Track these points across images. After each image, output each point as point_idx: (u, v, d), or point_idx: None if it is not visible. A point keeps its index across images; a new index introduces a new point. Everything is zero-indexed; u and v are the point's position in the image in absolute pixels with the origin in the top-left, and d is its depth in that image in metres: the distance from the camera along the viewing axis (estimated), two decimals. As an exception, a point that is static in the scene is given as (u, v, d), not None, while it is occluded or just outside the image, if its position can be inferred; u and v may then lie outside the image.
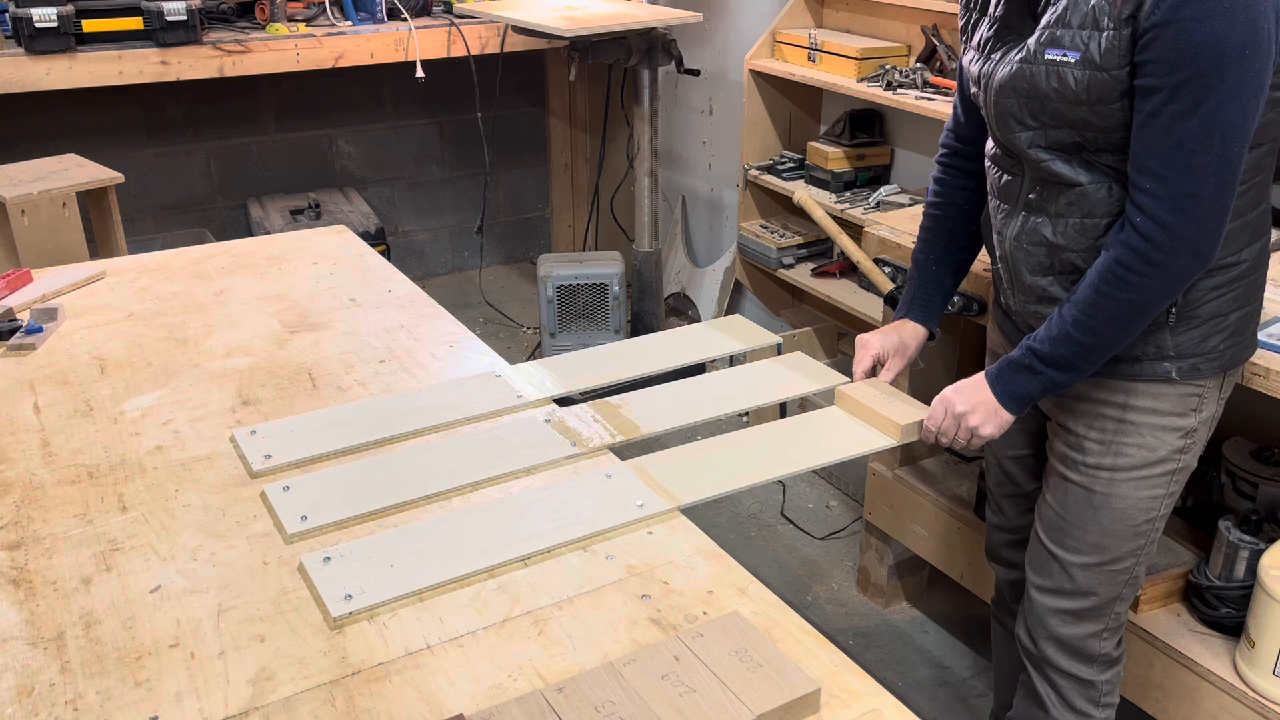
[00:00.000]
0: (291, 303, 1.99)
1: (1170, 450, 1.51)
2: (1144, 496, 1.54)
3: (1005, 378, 1.49)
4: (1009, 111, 1.43)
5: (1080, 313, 1.39)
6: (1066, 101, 1.35)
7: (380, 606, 1.17)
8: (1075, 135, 1.38)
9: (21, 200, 2.41)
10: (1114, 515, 1.55)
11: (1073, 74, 1.33)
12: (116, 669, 1.09)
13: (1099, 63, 1.31)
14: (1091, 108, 1.34)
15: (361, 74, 4.00)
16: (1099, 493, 1.55)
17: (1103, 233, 1.42)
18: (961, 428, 1.51)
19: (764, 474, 1.43)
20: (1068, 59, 1.33)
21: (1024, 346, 1.46)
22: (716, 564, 1.25)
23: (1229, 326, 1.46)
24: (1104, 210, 1.41)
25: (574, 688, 1.04)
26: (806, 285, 3.28)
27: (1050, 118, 1.39)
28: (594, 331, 3.58)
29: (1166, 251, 1.32)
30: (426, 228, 4.58)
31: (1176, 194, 1.29)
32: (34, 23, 3.10)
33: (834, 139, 3.23)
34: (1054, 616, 1.64)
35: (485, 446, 1.47)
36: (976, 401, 1.50)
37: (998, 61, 1.44)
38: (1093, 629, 1.63)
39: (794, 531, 2.94)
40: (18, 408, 1.61)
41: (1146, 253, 1.32)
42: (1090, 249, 1.43)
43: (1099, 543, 1.57)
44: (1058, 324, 1.42)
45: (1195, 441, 1.53)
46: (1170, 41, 1.24)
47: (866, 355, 1.68)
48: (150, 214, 4.00)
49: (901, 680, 2.38)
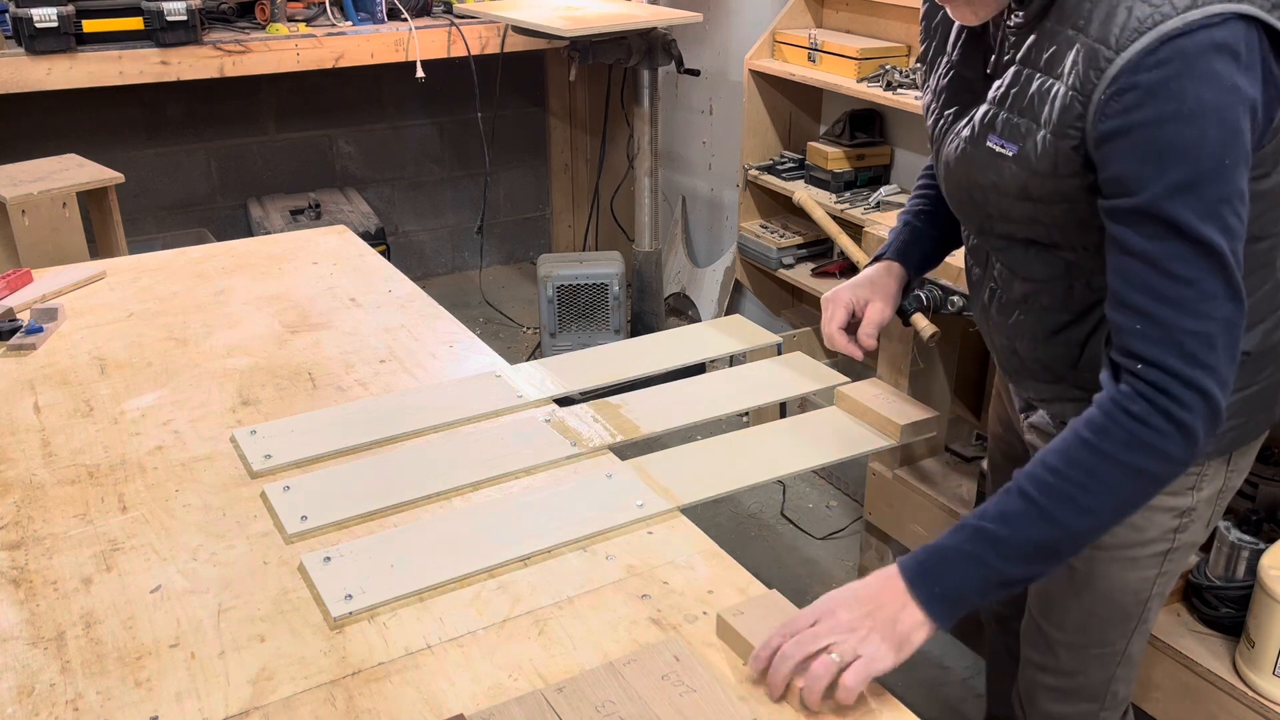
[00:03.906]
0: (291, 303, 1.99)
1: (1162, 531, 1.29)
2: (1132, 578, 1.32)
3: (932, 571, 1.07)
4: (956, 196, 1.26)
5: (1071, 485, 1.05)
6: (1008, 197, 1.15)
7: (380, 606, 1.17)
8: (1025, 230, 1.19)
9: (21, 200, 2.41)
10: (1097, 597, 1.34)
11: (1010, 168, 1.13)
12: (117, 669, 1.09)
13: (1033, 164, 1.10)
14: (1035, 204, 1.14)
15: (361, 74, 4.00)
16: (1079, 571, 1.33)
17: (1062, 329, 1.24)
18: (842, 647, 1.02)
19: (764, 474, 1.44)
20: (1005, 151, 1.13)
21: (966, 527, 1.07)
22: (716, 564, 1.25)
23: (1232, 408, 1.21)
24: (1063, 305, 1.22)
25: (574, 688, 1.04)
26: (806, 285, 3.28)
27: (996, 210, 1.19)
28: (594, 331, 3.58)
29: (1189, 407, 1.03)
30: (426, 228, 4.58)
31: (1181, 336, 1.03)
32: (34, 23, 3.10)
33: (834, 139, 3.23)
34: (1042, 692, 1.45)
35: (485, 446, 1.47)
36: (863, 607, 1.05)
37: (948, 129, 1.25)
38: (1086, 708, 1.43)
39: (794, 531, 2.94)
40: (18, 408, 1.61)
41: (1167, 408, 1.03)
42: (1046, 343, 1.26)
43: (1083, 624, 1.37)
44: (1021, 501, 1.06)
45: (1194, 520, 1.31)
46: (1130, 155, 1.01)
47: (839, 310, 1.44)
48: (150, 214, 4.00)
49: (901, 680, 2.38)
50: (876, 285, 1.47)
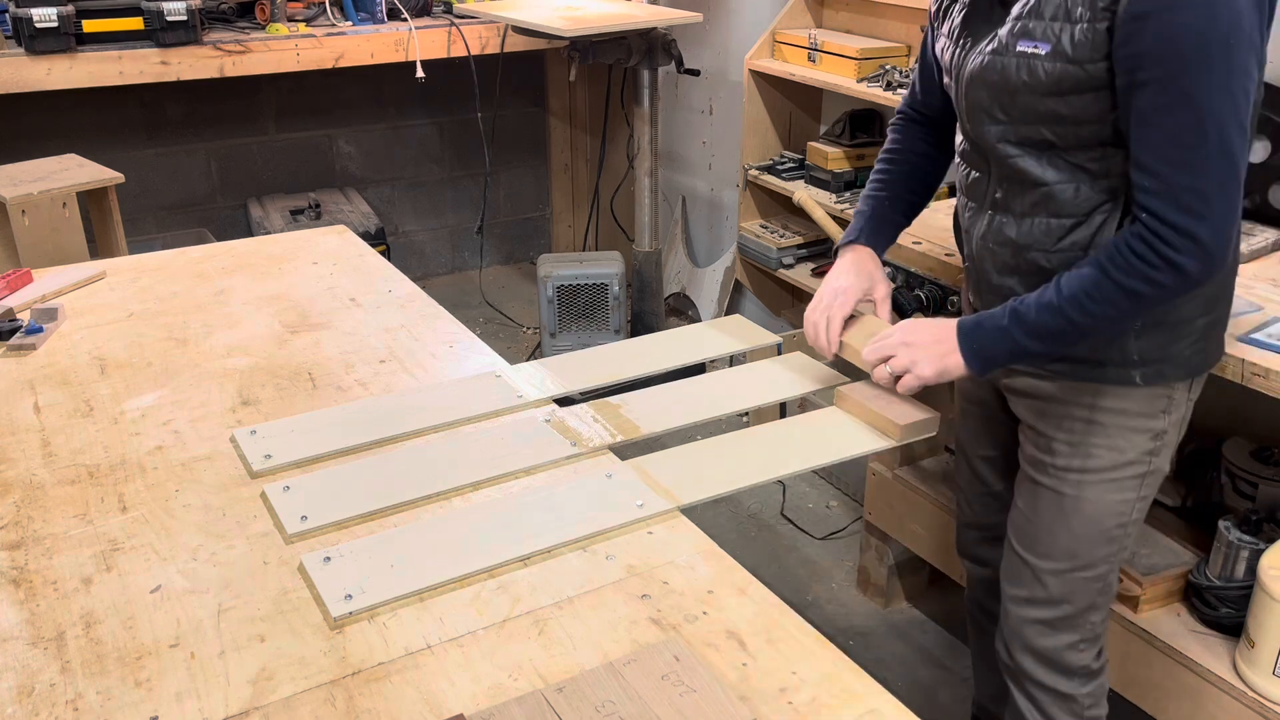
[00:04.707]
0: (291, 303, 1.99)
1: (1140, 452, 1.50)
2: (1114, 500, 1.52)
3: (977, 332, 1.42)
4: (979, 105, 1.41)
5: (1081, 290, 1.33)
6: (1036, 94, 1.33)
7: (380, 606, 1.17)
8: (1045, 131, 1.36)
9: (22, 200, 2.41)
10: (1084, 519, 1.53)
11: (1043, 66, 1.31)
12: (116, 669, 1.09)
13: (1070, 55, 1.28)
14: (1063, 99, 1.31)
15: (361, 74, 4.00)
16: (1069, 495, 1.53)
17: (1067, 233, 1.40)
18: (901, 357, 1.46)
19: (764, 474, 1.43)
20: (1038, 51, 1.31)
21: (1008, 307, 1.40)
22: (716, 564, 1.25)
23: (1195, 332, 1.44)
24: (1070, 210, 1.39)
25: (574, 688, 1.04)
26: (806, 285, 3.28)
27: (1020, 112, 1.36)
28: (594, 331, 3.58)
29: (1180, 250, 1.28)
30: (426, 228, 4.58)
31: (1179, 192, 1.26)
32: (34, 23, 3.10)
33: (834, 139, 3.23)
34: (1029, 627, 1.62)
35: (485, 446, 1.47)
36: (928, 340, 1.45)
37: (968, 51, 1.42)
38: (1069, 640, 1.60)
39: (794, 531, 2.94)
40: (18, 408, 1.61)
41: (1161, 249, 1.28)
42: (1055, 250, 1.42)
43: (1070, 548, 1.55)
44: (1053, 294, 1.36)
45: (1165, 444, 1.51)
46: (1152, 34, 1.21)
47: (849, 300, 1.60)
48: (150, 214, 4.00)
49: (901, 680, 2.38)
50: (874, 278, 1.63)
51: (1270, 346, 1.60)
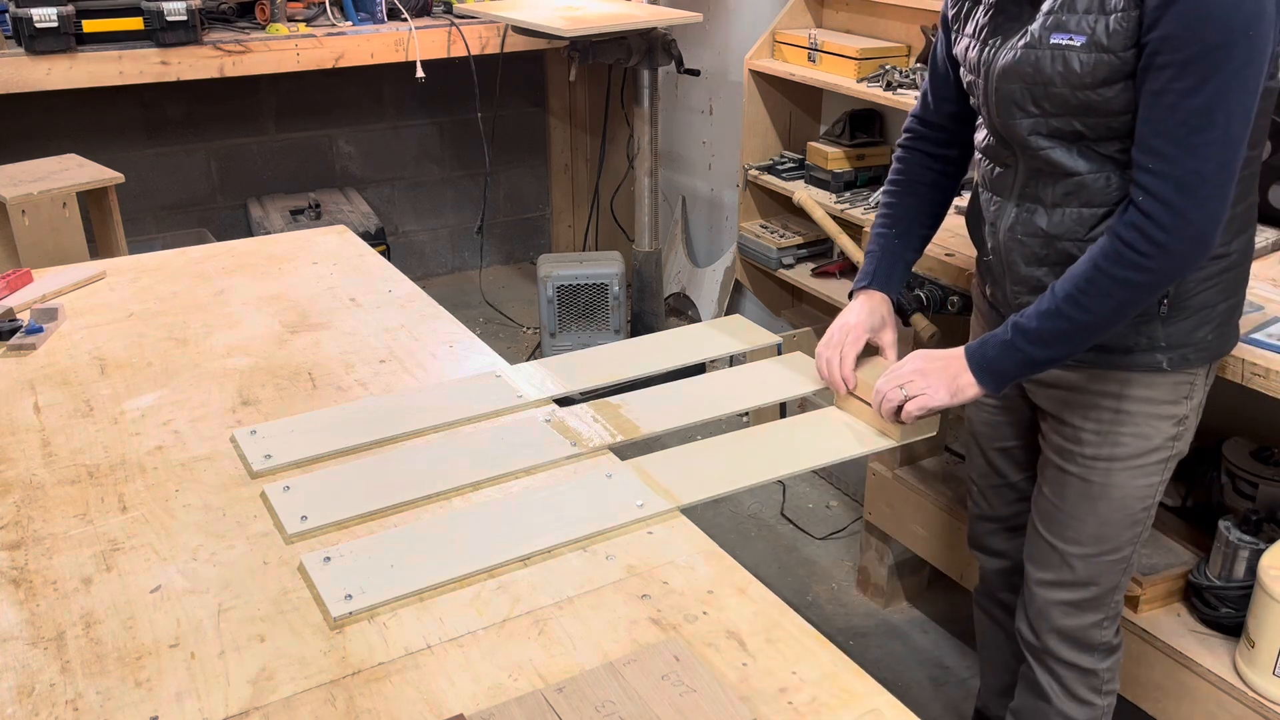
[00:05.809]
0: (291, 303, 1.99)
1: (1165, 438, 1.54)
2: (1140, 485, 1.56)
3: (983, 350, 1.46)
4: (1010, 98, 1.43)
5: (1075, 289, 1.37)
6: (1070, 86, 1.35)
7: (380, 606, 1.17)
8: (1076, 123, 1.39)
9: (21, 200, 2.41)
10: (1112, 505, 1.57)
11: (1078, 58, 1.33)
12: (116, 669, 1.09)
13: (1106, 44, 1.31)
14: (1095, 90, 1.34)
15: (361, 74, 4.00)
16: (1097, 483, 1.56)
17: (1099, 222, 1.42)
18: (915, 384, 1.48)
19: (764, 474, 1.44)
20: (1073, 43, 1.34)
21: (1009, 322, 1.44)
22: (716, 564, 1.25)
23: (1217, 317, 1.48)
24: (1102, 200, 1.41)
25: (574, 688, 1.04)
26: (806, 285, 3.28)
27: (1052, 104, 1.39)
28: (594, 331, 3.58)
29: (1170, 231, 1.30)
30: (426, 228, 4.58)
31: (1180, 172, 1.28)
32: (34, 23, 3.10)
33: (834, 139, 3.23)
34: (1056, 608, 1.66)
35: (485, 446, 1.47)
36: (939, 366, 1.48)
37: (998, 48, 1.44)
38: (1094, 619, 1.65)
39: (794, 531, 2.94)
40: (18, 408, 1.61)
41: (1150, 232, 1.31)
42: (1086, 239, 1.43)
43: (1098, 533, 1.59)
44: (1049, 299, 1.40)
45: (1186, 429, 1.55)
46: (1178, 18, 1.24)
47: (859, 336, 1.62)
48: (150, 214, 4.00)
49: (901, 680, 2.38)
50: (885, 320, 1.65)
51: (1270, 346, 1.60)
